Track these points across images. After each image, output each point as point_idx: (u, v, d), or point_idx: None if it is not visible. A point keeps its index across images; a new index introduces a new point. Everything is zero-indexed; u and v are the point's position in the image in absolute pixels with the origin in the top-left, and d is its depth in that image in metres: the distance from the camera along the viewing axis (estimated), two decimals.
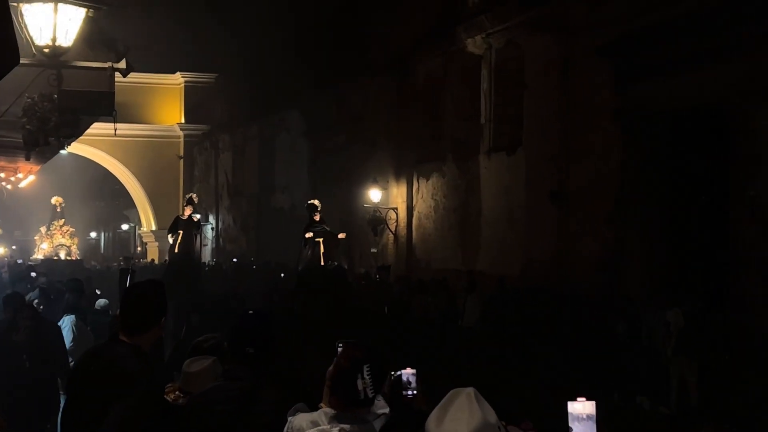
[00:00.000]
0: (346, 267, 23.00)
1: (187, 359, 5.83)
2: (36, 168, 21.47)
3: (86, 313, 13.89)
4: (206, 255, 35.98)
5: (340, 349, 4.39)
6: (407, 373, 4.62)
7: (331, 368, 4.30)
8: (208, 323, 10.74)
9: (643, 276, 16.83)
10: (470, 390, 3.72)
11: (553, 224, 18.99)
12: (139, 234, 50.60)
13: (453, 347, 14.82)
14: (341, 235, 21.97)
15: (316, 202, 21.82)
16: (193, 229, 22.23)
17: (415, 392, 4.59)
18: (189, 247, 22.14)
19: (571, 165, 18.59)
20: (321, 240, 21.42)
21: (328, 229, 21.72)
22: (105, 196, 60.71)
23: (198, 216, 23.01)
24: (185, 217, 22.24)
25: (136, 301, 5.30)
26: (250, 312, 5.17)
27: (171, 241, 22.52)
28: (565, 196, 18.62)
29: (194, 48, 40.02)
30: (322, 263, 21.38)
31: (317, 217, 21.56)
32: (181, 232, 22.05)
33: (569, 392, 3.75)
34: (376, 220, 25.99)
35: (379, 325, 14.44)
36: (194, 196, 23.22)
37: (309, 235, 21.40)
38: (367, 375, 4.24)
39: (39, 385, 9.92)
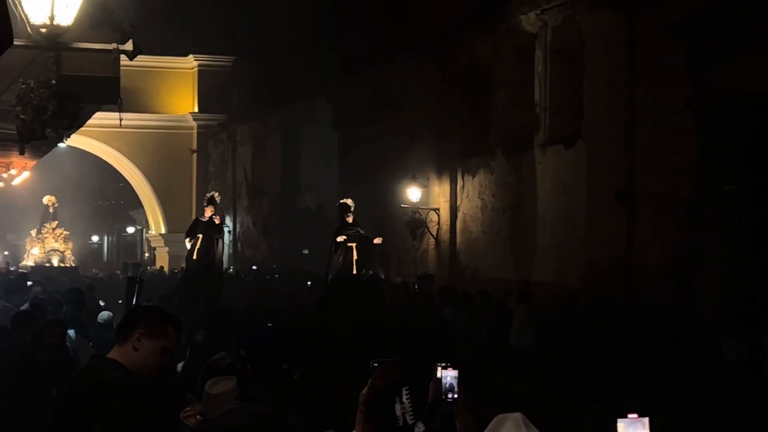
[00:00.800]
0: (382, 276, 22.97)
1: (204, 379, 5.87)
2: (31, 163, 21.66)
3: (87, 328, 14.00)
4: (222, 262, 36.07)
5: (375, 369, 4.38)
6: (449, 374, 4.65)
7: (365, 391, 4.30)
8: (225, 339, 10.75)
9: (724, 288, 16.66)
10: (517, 415, 3.73)
11: (619, 228, 18.88)
12: (147, 238, 50.94)
13: (501, 368, 14.80)
14: (377, 240, 21.94)
15: (348, 201, 21.79)
16: (214, 232, 22.23)
17: (456, 396, 4.63)
18: (209, 254, 22.13)
19: (639, 159, 18.48)
20: (354, 245, 21.39)
21: (362, 232, 21.66)
22: (108, 196, 61.12)
23: (219, 218, 22.97)
24: (206, 219, 22.12)
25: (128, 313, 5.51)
26: (270, 325, 5.16)
27: (188, 246, 22.50)
28: (632, 195, 18.52)
29: (209, 27, 40.19)
30: (355, 272, 21.36)
31: (350, 219, 21.53)
32: (200, 236, 22.05)
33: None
34: (415, 222, 25.99)
35: (416, 342, 14.47)
36: (216, 194, 23.15)
37: (341, 239, 21.37)
38: (407, 399, 4.24)
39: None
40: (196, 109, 44.13)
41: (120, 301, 18.37)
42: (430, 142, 26.39)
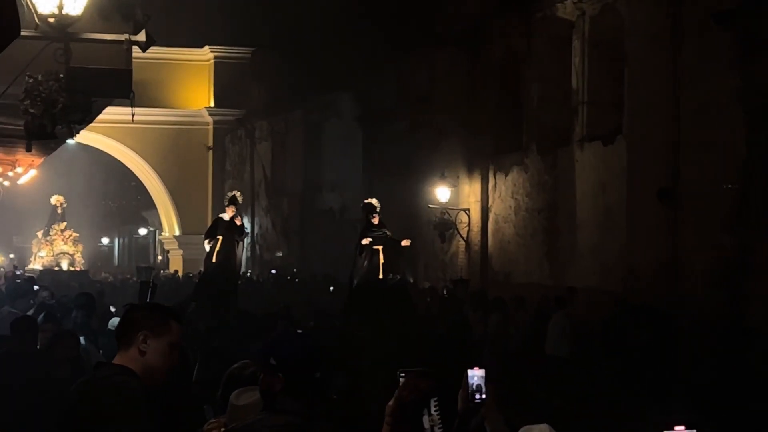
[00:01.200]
0: (411, 281, 22.92)
1: (226, 390, 5.89)
2: (38, 161, 21.79)
3: (98, 335, 14.03)
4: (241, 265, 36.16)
5: (402, 380, 4.39)
6: (476, 374, 4.69)
7: (391, 402, 4.31)
8: (244, 348, 10.78)
9: None
10: (544, 427, 3.75)
11: (661, 230, 18.84)
12: (160, 240, 51.08)
13: (536, 377, 14.77)
14: (405, 242, 21.88)
15: (374, 201, 21.75)
16: (235, 234, 22.20)
17: (484, 396, 4.68)
18: (229, 257, 22.08)
19: (683, 157, 18.42)
20: (380, 248, 21.35)
21: (389, 234, 21.60)
22: (119, 195, 61.36)
23: (242, 219, 22.91)
24: (227, 219, 22.14)
25: (123, 315, 5.45)
26: (300, 332, 5.18)
27: (207, 248, 22.49)
28: (675, 195, 18.47)
29: (226, 17, 40.28)
30: (381, 276, 21.32)
31: (376, 220, 21.49)
32: (220, 237, 22.04)
33: None
34: (445, 223, 26.00)
35: (445, 350, 14.47)
36: (238, 194, 23.15)
37: (366, 241, 21.32)
38: (435, 410, 4.26)
39: None
40: (212, 104, 44.25)
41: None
42: (460, 138, 26.39)
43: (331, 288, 27.66)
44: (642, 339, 15.21)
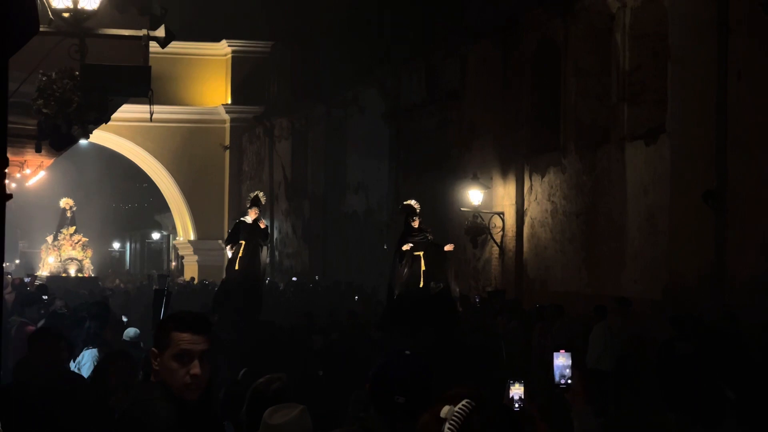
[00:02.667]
0: (457, 290, 22.55)
1: (252, 407, 6.01)
2: (48, 162, 22.02)
3: (112, 347, 14.17)
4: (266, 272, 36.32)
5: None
6: (562, 356, 4.95)
7: (425, 416, 4.41)
8: (268, 363, 10.88)
9: None
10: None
11: (707, 234, 18.86)
12: (174, 245, 51.26)
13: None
14: (448, 247, 21.66)
15: (413, 203, 21.46)
16: (259, 238, 21.99)
17: (570, 381, 4.91)
18: (253, 263, 21.86)
19: (730, 157, 18.45)
20: (421, 253, 21.10)
21: (430, 238, 21.37)
22: (131, 198, 61.59)
23: (266, 222, 22.78)
24: (250, 223, 21.98)
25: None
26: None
27: (230, 254, 22.35)
28: (722, 197, 18.50)
29: (245, 9, 40.47)
30: (422, 285, 21.00)
31: (416, 223, 21.17)
32: (243, 242, 21.83)
33: None
34: (477, 228, 26.04)
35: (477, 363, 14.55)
36: (260, 194, 22.83)
37: (406, 247, 21.05)
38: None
39: None
40: (229, 101, 44.44)
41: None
42: (493, 136, 26.45)
43: (356, 297, 27.75)
44: (685, 351, 15.24)
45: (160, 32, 11.33)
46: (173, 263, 54.08)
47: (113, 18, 11.68)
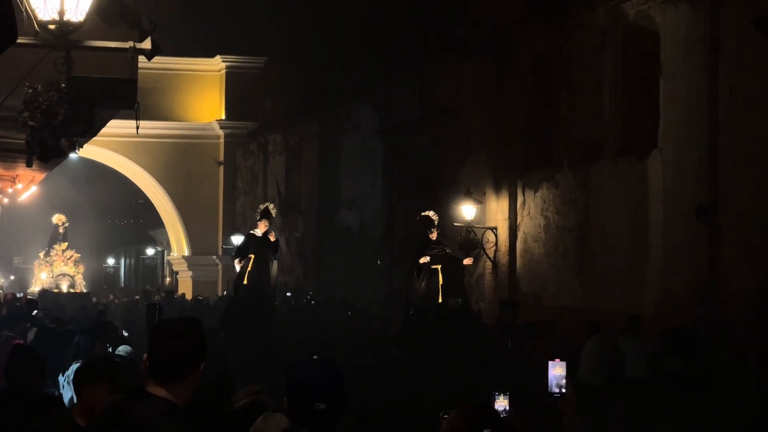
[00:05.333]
0: (481, 306, 21.90)
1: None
2: (40, 176, 21.93)
3: None
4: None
5: (443, 421, 4.50)
6: (557, 366, 4.99)
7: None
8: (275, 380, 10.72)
9: None
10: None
11: (700, 250, 18.81)
12: (168, 261, 51.23)
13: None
14: (467, 261, 21.29)
15: (431, 214, 21.01)
16: (269, 251, 21.52)
17: (564, 390, 4.95)
18: (262, 278, 21.36)
19: (723, 173, 18.41)
20: (439, 267, 20.67)
21: (449, 251, 20.95)
22: (125, 213, 61.58)
23: (275, 234, 22.11)
24: (260, 236, 21.52)
25: (168, 335, 5.13)
26: (315, 357, 5.17)
27: (238, 268, 21.82)
28: (715, 212, 18.45)
29: (239, 25, 40.48)
30: (441, 300, 20.47)
31: (434, 236, 20.73)
32: (252, 256, 21.33)
33: None
34: (470, 243, 25.94)
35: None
36: (271, 206, 22.41)
37: (425, 260, 20.60)
38: None
39: None
40: (223, 116, 44.44)
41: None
42: (486, 152, 26.40)
43: (349, 312, 27.66)
44: (678, 366, 15.18)
45: (147, 44, 11.25)
46: (168, 279, 54.08)
47: (101, 31, 11.62)
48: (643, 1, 20.83)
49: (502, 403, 5.15)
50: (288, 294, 35.82)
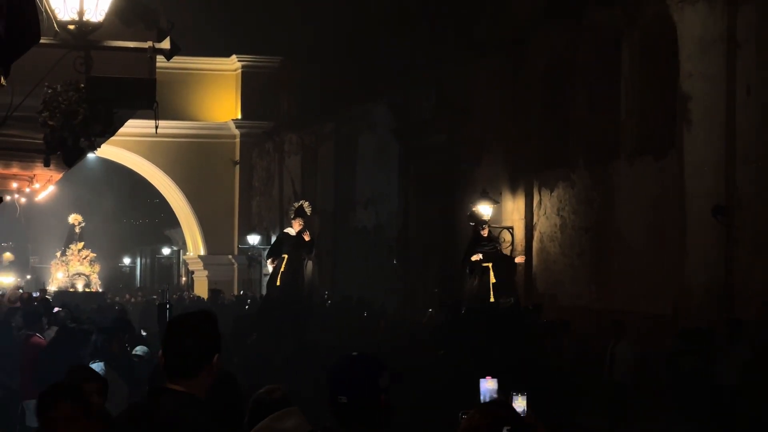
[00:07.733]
0: (541, 307, 21.34)
1: (254, 416, 5.95)
2: (57, 176, 21.93)
3: (120, 360, 14.08)
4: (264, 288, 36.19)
5: (463, 420, 4.54)
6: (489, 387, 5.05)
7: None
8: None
9: None
10: None
11: (717, 249, 18.78)
12: (184, 260, 51.28)
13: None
14: (519, 259, 20.91)
15: (481, 210, 20.69)
16: (303, 251, 20.97)
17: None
18: (296, 279, 20.76)
19: (740, 172, 18.38)
20: (490, 265, 20.29)
21: (500, 249, 20.56)
22: (141, 213, 61.67)
23: (310, 234, 21.41)
24: (294, 235, 20.99)
25: (179, 332, 5.16)
26: (354, 354, 5.25)
27: (271, 268, 21.28)
28: (732, 212, 18.41)
29: (255, 24, 40.50)
30: (493, 299, 20.02)
31: (485, 233, 20.32)
32: (285, 256, 20.79)
33: None
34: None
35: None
36: (305, 204, 21.86)
37: (476, 257, 20.20)
38: None
39: None
40: (239, 116, 44.46)
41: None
42: (502, 151, 26.39)
43: (365, 313, 27.61)
44: (690, 365, 15.18)
45: (165, 44, 11.26)
46: (183, 278, 54.15)
47: (120, 31, 11.64)
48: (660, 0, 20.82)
49: (520, 404, 5.27)
50: (326, 293, 35.72)
